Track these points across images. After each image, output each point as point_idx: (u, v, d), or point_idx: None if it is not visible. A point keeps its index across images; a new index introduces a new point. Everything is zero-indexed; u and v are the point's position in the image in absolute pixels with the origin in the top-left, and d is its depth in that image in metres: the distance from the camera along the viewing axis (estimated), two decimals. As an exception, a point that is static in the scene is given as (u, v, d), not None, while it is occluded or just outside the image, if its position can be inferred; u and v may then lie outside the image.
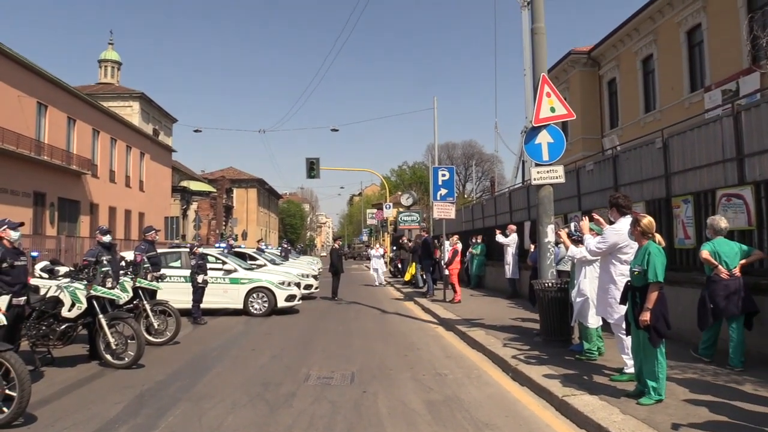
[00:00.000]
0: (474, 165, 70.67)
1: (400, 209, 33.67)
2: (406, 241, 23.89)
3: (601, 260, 6.44)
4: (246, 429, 5.08)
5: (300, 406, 5.78)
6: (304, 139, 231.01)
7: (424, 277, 17.83)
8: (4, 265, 6.79)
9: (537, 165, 9.00)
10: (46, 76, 28.78)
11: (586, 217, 7.03)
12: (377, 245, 27.66)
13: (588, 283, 7.07)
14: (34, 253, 9.52)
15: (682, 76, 20.46)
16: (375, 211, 47.67)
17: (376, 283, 23.43)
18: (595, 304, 6.98)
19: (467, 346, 9.20)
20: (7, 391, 5.09)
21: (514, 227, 15.82)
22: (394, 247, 25.88)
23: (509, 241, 15.51)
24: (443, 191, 14.87)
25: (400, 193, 50.07)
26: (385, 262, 24.65)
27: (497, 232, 16.29)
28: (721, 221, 6.91)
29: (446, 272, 14.92)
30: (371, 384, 6.66)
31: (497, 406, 5.77)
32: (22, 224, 7.38)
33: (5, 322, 5.58)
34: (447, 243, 15.62)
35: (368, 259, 59.65)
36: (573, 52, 27.03)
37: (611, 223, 6.44)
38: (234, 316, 13.21)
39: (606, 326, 6.94)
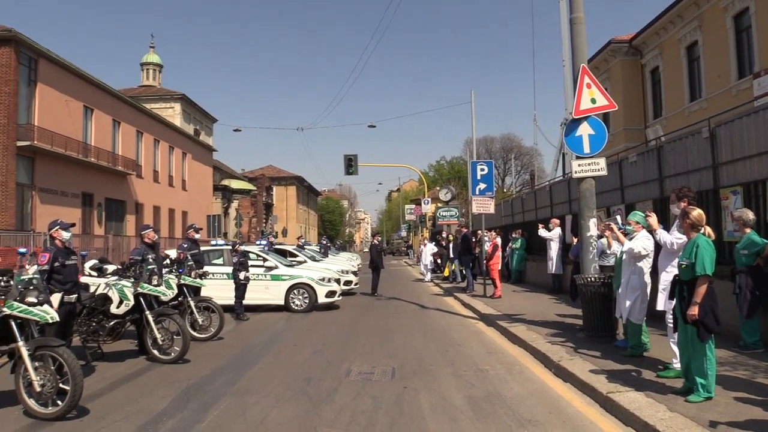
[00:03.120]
0: (513, 159, 69.92)
1: (439, 204, 33.56)
2: (444, 236, 23.80)
3: (664, 255, 6.27)
4: (289, 423, 5.15)
5: (342, 401, 5.82)
6: (342, 136, 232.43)
7: (464, 272, 17.73)
8: (57, 264, 7.05)
9: (578, 157, 8.84)
10: (92, 80, 29.66)
11: (652, 213, 6.77)
12: (425, 241, 27.57)
13: (635, 278, 6.91)
14: (84, 252, 9.84)
15: (729, 62, 19.75)
16: (413, 206, 47.69)
17: (426, 279, 23.41)
18: (646, 300, 6.85)
19: (508, 342, 9.12)
20: (61, 385, 5.28)
21: (557, 221, 15.57)
22: (433, 243, 25.76)
23: (552, 235, 15.27)
24: (482, 186, 14.74)
25: (438, 188, 49.84)
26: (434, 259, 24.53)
27: (540, 226, 16.06)
28: (750, 213, 6.81)
29: (486, 267, 14.80)
30: (412, 380, 6.66)
31: (540, 402, 5.70)
32: (73, 225, 7.65)
33: (58, 319, 5.78)
34: (486, 238, 15.50)
35: (406, 254, 60.03)
36: (613, 42, 26.38)
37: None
38: (275, 312, 13.40)
39: (651, 322, 6.79)
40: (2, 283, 5.45)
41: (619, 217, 7.75)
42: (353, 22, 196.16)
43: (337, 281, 14.42)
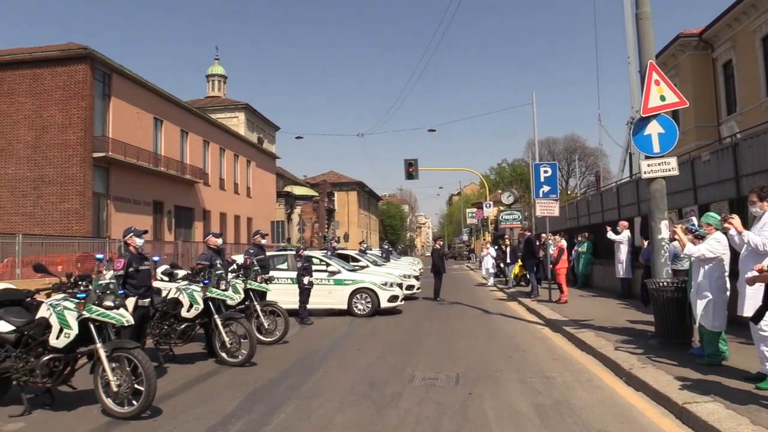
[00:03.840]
0: (577, 160, 68.11)
1: (501, 208, 33.07)
2: (507, 240, 23.43)
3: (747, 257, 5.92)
4: (353, 428, 5.17)
5: (406, 406, 5.80)
6: (402, 141, 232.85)
7: (528, 276, 17.39)
8: (131, 269, 7.36)
9: (647, 157, 8.51)
10: (161, 93, 30.94)
11: (735, 215, 6.42)
12: (487, 245, 27.25)
13: (708, 283, 6.59)
14: (156, 258, 10.20)
15: (811, 53, 18.59)
16: (475, 210, 47.20)
17: (489, 283, 23.12)
18: (722, 307, 6.52)
19: (576, 348, 8.86)
20: (136, 386, 5.49)
21: (626, 223, 15.02)
22: (495, 247, 25.40)
23: (621, 238, 14.72)
24: (546, 188, 14.43)
25: (500, 191, 49.14)
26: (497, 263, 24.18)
27: (607, 228, 15.55)
28: None
29: (552, 272, 14.46)
30: (477, 386, 6.57)
31: (610, 411, 5.50)
32: (146, 232, 7.98)
33: (133, 322, 6.03)
34: (551, 241, 15.15)
35: (468, 259, 59.51)
36: (682, 36, 25.31)
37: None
38: (338, 316, 13.52)
39: (729, 328, 6.44)
40: (82, 288, 5.73)
41: (694, 218, 7.41)
42: (412, 27, 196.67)
43: (400, 286, 14.43)
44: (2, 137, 24.96)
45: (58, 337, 5.55)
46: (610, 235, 15.04)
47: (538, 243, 17.23)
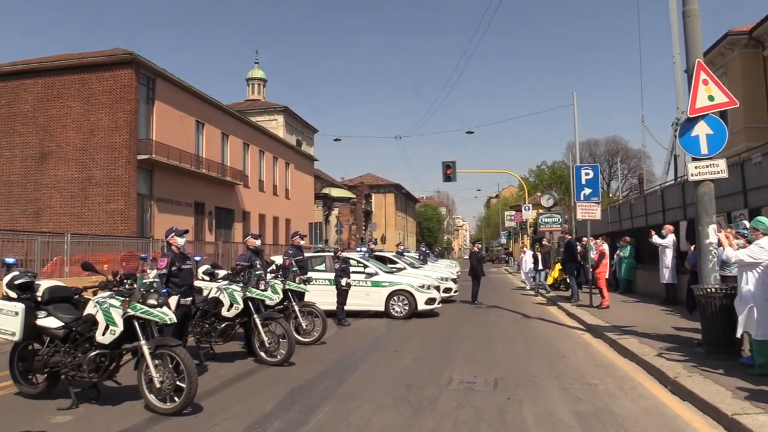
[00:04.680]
0: (619, 162, 66.80)
1: (540, 210, 32.61)
2: (546, 243, 23.07)
3: None
4: (391, 430, 5.15)
5: (443, 410, 5.76)
6: (440, 143, 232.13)
7: (568, 280, 17.09)
8: (174, 268, 7.51)
9: (695, 159, 8.26)
10: (203, 96, 31.58)
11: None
12: (524, 248, 26.90)
13: (752, 289, 6.36)
14: (197, 258, 10.39)
15: None
16: (513, 213, 46.66)
17: (528, 287, 22.82)
18: (762, 313, 6.28)
19: (618, 355, 8.65)
20: (177, 383, 5.60)
21: (671, 227, 14.60)
22: (534, 250, 25.04)
23: (666, 242, 14.30)
24: (587, 191, 14.15)
25: (539, 193, 48.50)
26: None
27: (652, 232, 15.13)
28: None
29: (592, 276, 14.17)
30: (515, 391, 6.48)
31: (655, 421, 5.34)
32: (187, 232, 8.13)
33: (175, 320, 6.15)
34: (592, 245, 14.85)
35: (506, 262, 58.89)
36: (731, 33, 24.54)
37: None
38: (376, 318, 13.53)
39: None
40: (127, 286, 5.87)
41: (747, 222, 7.16)
42: (451, 28, 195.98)
43: (437, 288, 14.36)
44: (52, 140, 25.85)
45: (104, 334, 5.70)
46: (655, 239, 14.62)
47: (578, 246, 16.92)
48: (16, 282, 6.29)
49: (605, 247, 14.81)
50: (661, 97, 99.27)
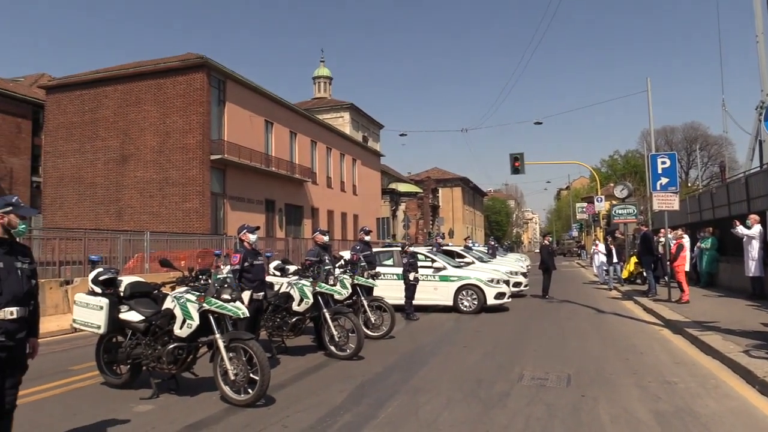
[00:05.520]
0: (698, 149, 63.63)
1: (614, 202, 31.50)
2: (619, 235, 22.27)
3: None
4: (461, 426, 5.10)
5: (514, 406, 5.65)
6: (507, 135, 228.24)
7: (645, 274, 16.43)
8: (246, 264, 7.72)
9: (783, 144, 7.72)
10: (271, 96, 32.33)
11: None
12: (597, 241, 26.10)
13: None
14: (268, 254, 10.63)
15: None
16: (585, 204, 45.38)
17: (601, 281, 22.12)
18: None
19: (700, 352, 8.23)
20: (251, 375, 5.75)
21: (757, 217, 13.71)
22: (608, 241, 24.20)
23: (753, 233, 13.43)
24: (664, 180, 13.54)
25: (612, 184, 46.83)
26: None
27: (736, 223, 14.29)
28: None
29: (671, 269, 13.55)
30: (590, 388, 6.27)
31: (743, 423, 5.04)
32: (258, 228, 8.33)
33: (248, 315, 6.32)
34: (670, 237, 14.20)
35: (578, 255, 57.25)
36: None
37: None
38: (444, 312, 13.46)
39: None
40: (202, 282, 6.08)
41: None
42: (517, 15, 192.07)
43: (506, 283, 14.12)
44: (132, 144, 27.16)
45: (181, 327, 5.93)
46: (740, 230, 13.78)
47: (655, 238, 16.23)
48: (101, 278, 6.63)
49: (685, 239, 14.13)
50: (744, 80, 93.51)
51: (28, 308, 3.97)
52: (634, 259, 19.50)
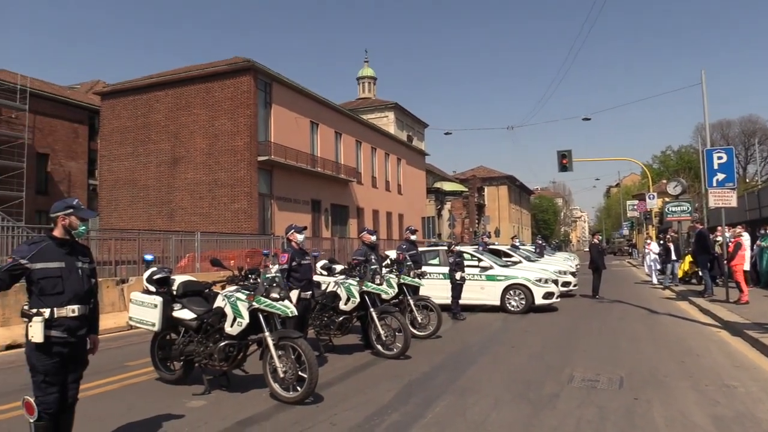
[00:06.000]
0: (757, 143, 61.08)
1: (667, 199, 30.57)
2: (672, 234, 21.57)
3: None
4: (510, 427, 5.04)
5: (564, 408, 5.54)
6: (554, 132, 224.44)
7: (700, 273, 15.87)
8: (294, 263, 7.82)
9: None
10: (316, 98, 32.66)
11: None
12: (649, 240, 25.39)
13: None
14: (315, 253, 10.73)
15: None
16: (637, 202, 44.20)
17: (655, 281, 21.50)
18: None
19: (761, 355, 7.89)
20: (299, 373, 5.82)
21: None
22: (660, 242, 23.48)
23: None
24: (720, 176, 13.04)
25: (665, 181, 45.50)
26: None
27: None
28: None
29: (728, 269, 13.05)
30: (643, 391, 6.10)
31: (809, 428, 4.81)
32: (305, 228, 8.42)
33: (296, 313, 6.41)
34: (728, 235, 13.68)
35: (629, 254, 55.74)
36: None
37: None
38: (491, 312, 13.32)
39: None
40: (251, 281, 6.19)
41: None
42: (563, 11, 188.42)
43: (555, 282, 13.87)
44: (182, 146, 27.88)
45: (232, 325, 6.05)
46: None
47: (711, 237, 15.66)
48: (155, 277, 6.83)
49: (745, 237, 13.59)
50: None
51: (88, 306, 4.12)
52: (689, 258, 18.88)
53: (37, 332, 3.83)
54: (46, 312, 3.87)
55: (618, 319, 12.10)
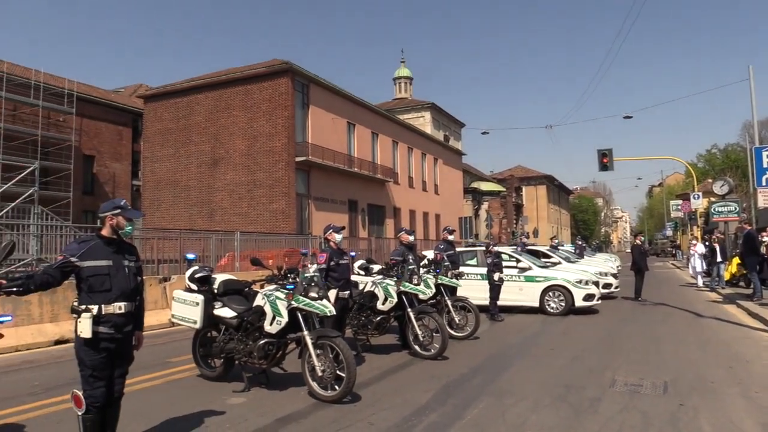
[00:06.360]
0: (809, 141, 58.73)
1: (712, 199, 29.70)
2: (719, 235, 20.92)
3: None
4: (550, 430, 4.96)
5: (606, 412, 5.43)
6: (595, 130, 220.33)
7: (749, 276, 15.36)
8: (332, 263, 7.87)
9: None
10: (353, 98, 32.81)
11: None
12: (695, 241, 24.69)
13: None
14: (353, 253, 10.77)
15: None
16: (681, 202, 43.09)
17: (700, 284, 20.89)
18: None
19: (815, 361, 7.60)
20: (338, 372, 5.85)
21: None
22: (706, 243, 22.79)
23: None
24: (770, 175, 12.60)
25: (710, 180, 44.12)
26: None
27: None
28: None
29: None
30: (689, 397, 5.93)
31: None
32: (343, 228, 8.47)
33: (335, 313, 6.44)
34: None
35: (673, 255, 54.34)
36: None
37: None
38: (529, 314, 13.15)
39: None
40: (290, 280, 6.24)
41: None
42: (603, 8, 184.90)
43: (596, 284, 13.61)
44: (222, 148, 28.36)
45: (271, 324, 6.12)
46: None
47: (760, 237, 15.13)
48: (196, 275, 6.96)
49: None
50: None
51: (134, 303, 4.23)
52: (736, 260, 18.29)
53: (85, 328, 3.95)
54: (95, 308, 3.99)
55: (661, 322, 11.80)
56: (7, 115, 27.38)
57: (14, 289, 3.81)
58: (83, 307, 4.00)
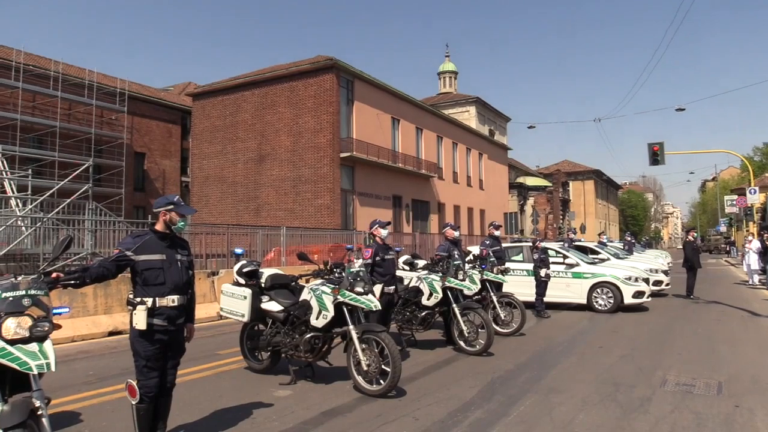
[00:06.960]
0: None
1: (770, 194, 28.49)
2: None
3: None
4: (598, 429, 4.88)
5: (657, 412, 5.30)
6: (645, 123, 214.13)
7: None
8: (378, 258, 7.91)
9: None
10: (397, 94, 32.76)
11: None
12: (750, 237, 23.74)
13: None
14: (398, 248, 10.78)
15: None
16: (735, 197, 41.56)
17: (756, 281, 20.13)
18: None
19: None
20: (383, 366, 5.89)
21: None
22: (765, 239, 21.88)
23: None
24: (834, 169, 12.01)
25: (767, 174, 42.38)
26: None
27: None
28: None
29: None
30: (745, 398, 5.73)
31: None
32: (389, 223, 8.50)
33: (380, 307, 6.48)
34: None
35: (727, 252, 52.45)
36: None
37: None
38: (577, 311, 12.93)
39: None
40: (336, 275, 6.31)
41: None
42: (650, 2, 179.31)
43: (645, 281, 13.26)
44: (268, 144, 28.78)
45: (317, 318, 6.20)
46: None
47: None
48: (244, 270, 7.09)
49: None
50: None
51: (186, 296, 4.36)
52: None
53: (140, 320, 4.10)
54: (149, 301, 4.13)
55: (715, 320, 11.43)
56: (62, 114, 28.48)
57: (71, 281, 3.92)
58: (138, 299, 4.14)
